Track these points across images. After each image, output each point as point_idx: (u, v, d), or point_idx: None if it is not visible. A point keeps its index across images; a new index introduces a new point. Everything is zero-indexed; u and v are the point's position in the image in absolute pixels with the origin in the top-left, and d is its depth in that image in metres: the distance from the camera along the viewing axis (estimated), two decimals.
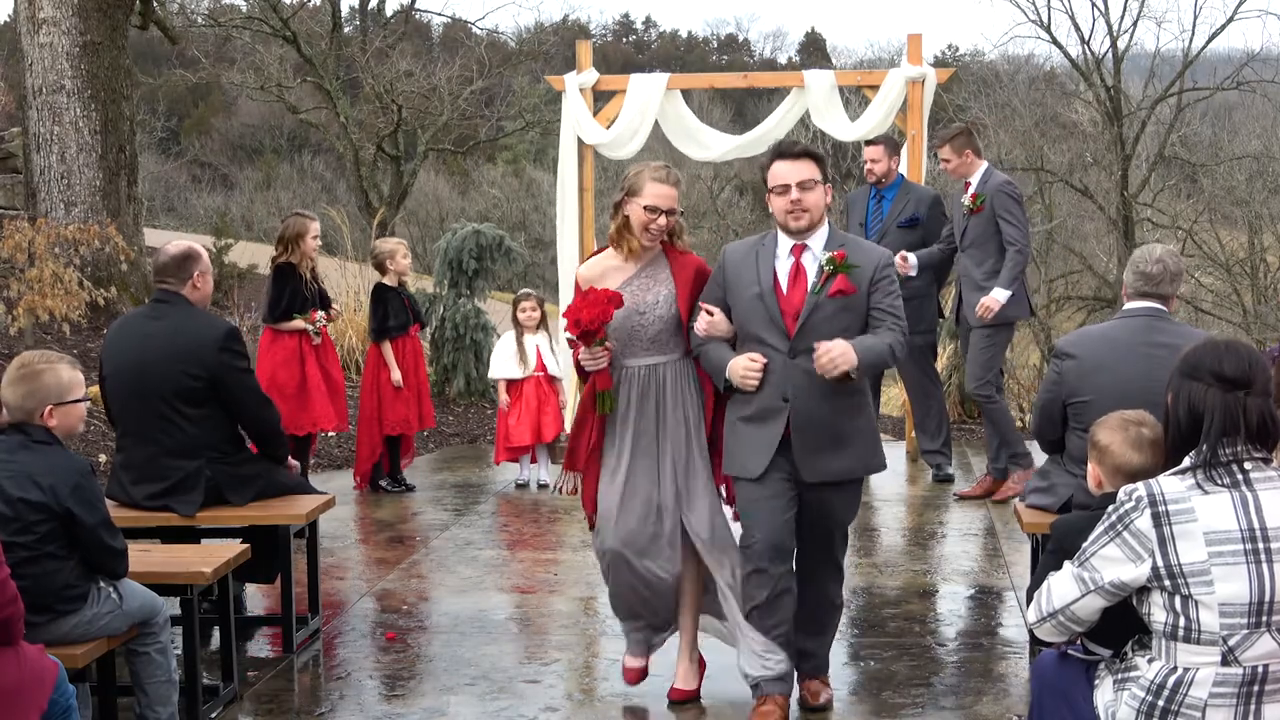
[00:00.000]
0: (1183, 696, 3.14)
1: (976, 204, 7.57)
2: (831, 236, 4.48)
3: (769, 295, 4.41)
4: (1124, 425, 3.63)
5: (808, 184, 4.40)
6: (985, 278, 7.55)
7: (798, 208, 4.40)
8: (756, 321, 4.41)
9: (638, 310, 4.58)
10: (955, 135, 7.72)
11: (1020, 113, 26.99)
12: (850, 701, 4.83)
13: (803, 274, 4.43)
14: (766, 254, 4.49)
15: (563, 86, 9.56)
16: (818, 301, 4.37)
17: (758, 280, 4.43)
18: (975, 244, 7.62)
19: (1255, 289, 24.42)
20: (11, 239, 9.76)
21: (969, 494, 7.83)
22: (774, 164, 4.44)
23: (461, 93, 25.80)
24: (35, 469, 4.05)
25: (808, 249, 4.46)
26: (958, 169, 7.65)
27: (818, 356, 4.20)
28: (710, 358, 4.51)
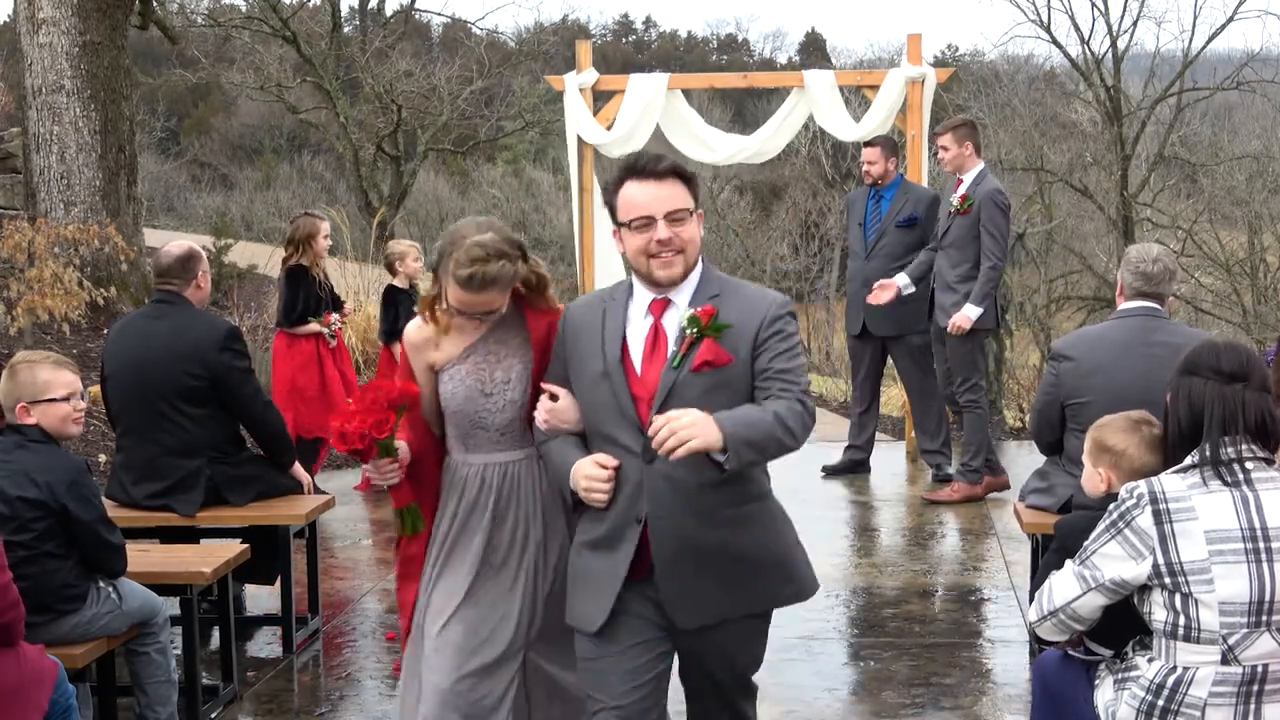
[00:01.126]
0: (1182, 696, 3.14)
1: (964, 206, 7.52)
2: (704, 284, 3.27)
3: (616, 374, 3.21)
4: (1135, 427, 3.61)
5: (678, 215, 3.20)
6: (958, 280, 7.53)
7: (666, 249, 3.19)
8: (602, 411, 3.24)
9: (482, 390, 3.50)
10: (959, 125, 7.71)
11: (1020, 113, 27.00)
12: (850, 701, 4.83)
13: (663, 342, 3.23)
14: (615, 314, 3.28)
15: (563, 86, 9.57)
16: (678, 379, 3.16)
17: (602, 352, 3.24)
18: (954, 245, 7.58)
19: (1255, 289, 24.42)
20: (11, 239, 9.77)
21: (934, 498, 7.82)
22: (625, 186, 3.23)
23: (461, 93, 25.80)
24: (31, 467, 4.06)
25: (672, 305, 3.24)
26: (955, 159, 7.58)
27: (653, 429, 3.01)
28: (553, 460, 3.37)
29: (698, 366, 3.16)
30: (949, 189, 7.76)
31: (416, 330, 3.60)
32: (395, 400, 3.40)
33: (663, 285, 3.24)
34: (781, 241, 33.91)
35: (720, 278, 3.32)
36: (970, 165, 7.59)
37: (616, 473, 3.21)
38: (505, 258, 3.38)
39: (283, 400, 7.61)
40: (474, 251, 3.35)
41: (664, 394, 3.15)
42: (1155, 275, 4.79)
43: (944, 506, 7.69)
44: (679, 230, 3.21)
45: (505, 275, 3.38)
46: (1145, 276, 4.79)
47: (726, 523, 3.23)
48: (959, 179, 7.62)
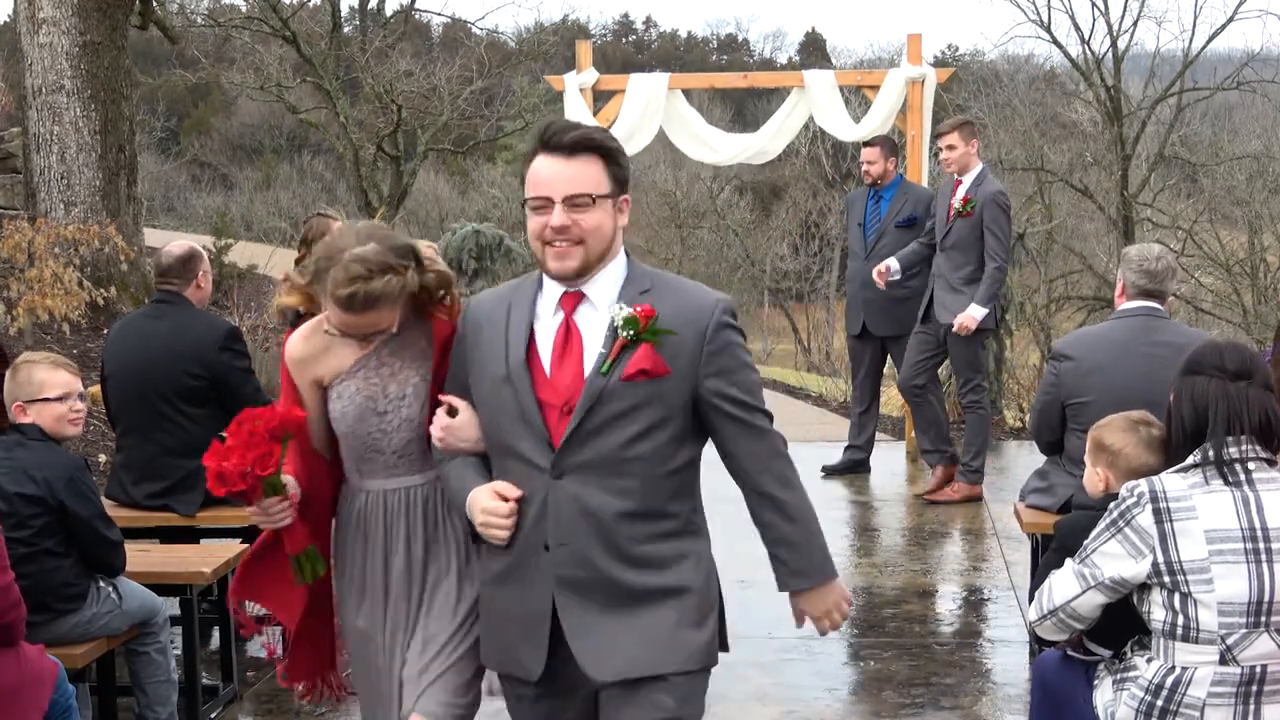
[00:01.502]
0: (1181, 696, 3.14)
1: (967, 208, 7.51)
2: (631, 278, 2.84)
3: (520, 376, 2.79)
4: (1134, 427, 3.62)
5: (579, 200, 2.75)
6: (962, 282, 7.52)
7: (561, 238, 2.76)
8: (503, 418, 2.82)
9: (374, 408, 3.06)
10: (964, 123, 7.72)
11: (1020, 113, 27.02)
12: (850, 701, 4.83)
13: (576, 341, 2.80)
14: (521, 309, 2.86)
15: (563, 86, 9.56)
16: (605, 388, 2.74)
17: (504, 352, 2.82)
18: (956, 246, 7.56)
19: (1255, 289, 24.43)
20: (11, 239, 9.77)
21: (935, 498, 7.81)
22: (535, 158, 2.82)
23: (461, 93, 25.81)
24: (29, 464, 4.07)
25: (586, 300, 2.82)
26: (961, 158, 7.55)
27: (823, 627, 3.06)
28: (450, 485, 2.97)
29: (631, 375, 2.72)
30: (946, 189, 7.74)
31: (299, 341, 3.18)
32: (277, 429, 2.92)
33: (556, 278, 2.81)
34: (781, 241, 33.94)
35: (650, 272, 2.88)
36: (972, 165, 7.60)
37: (520, 501, 2.80)
38: (391, 271, 2.93)
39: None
40: (353, 269, 2.90)
41: (589, 403, 2.73)
42: (1159, 273, 4.79)
43: (944, 506, 7.68)
44: (579, 217, 2.74)
45: (391, 292, 2.94)
46: (1149, 274, 4.79)
47: (642, 561, 2.78)
48: (958, 180, 7.61)
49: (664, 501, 2.81)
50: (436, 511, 3.13)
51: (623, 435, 2.75)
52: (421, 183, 31.85)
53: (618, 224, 2.84)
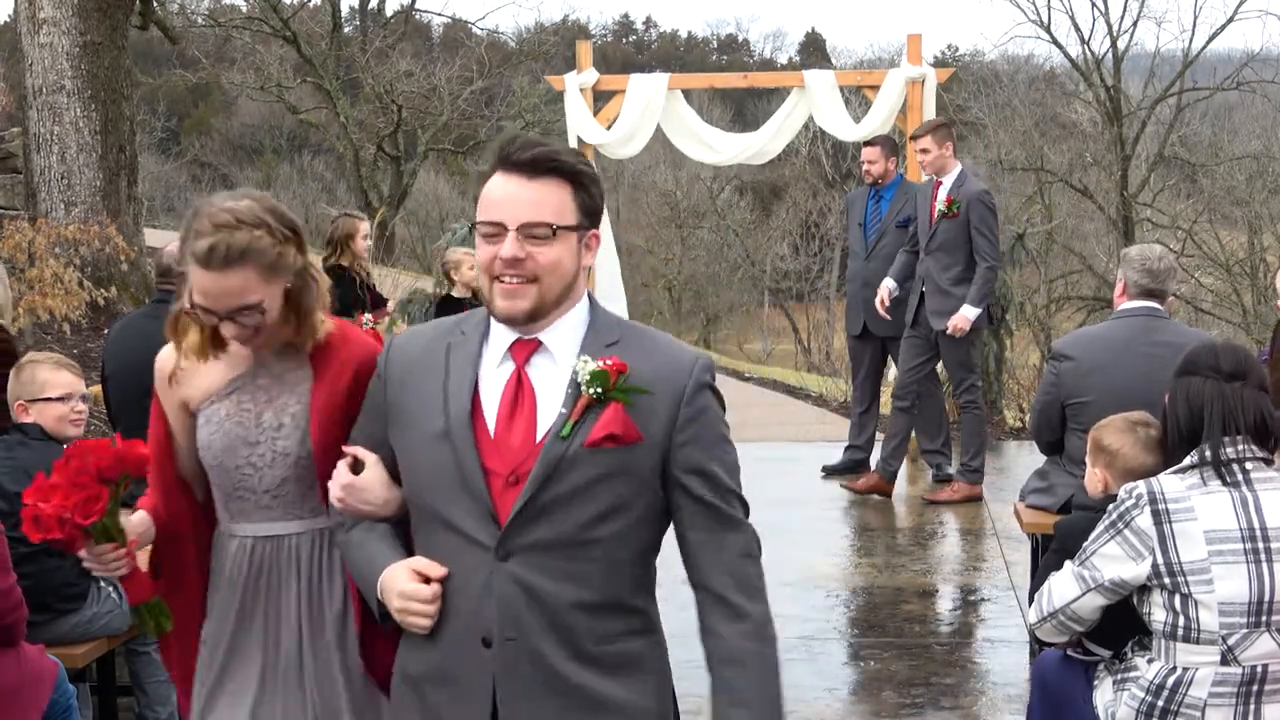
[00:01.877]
0: (1182, 696, 3.14)
1: (952, 209, 7.47)
2: (596, 327, 2.40)
3: (462, 436, 2.34)
4: (1131, 428, 3.62)
5: (538, 230, 2.31)
6: (951, 283, 7.48)
7: (512, 273, 2.32)
8: (439, 484, 2.35)
9: (245, 437, 2.65)
10: (938, 126, 7.69)
11: (1020, 113, 27.03)
12: (850, 701, 4.83)
13: (529, 398, 2.35)
14: (464, 355, 2.41)
15: (563, 86, 9.57)
16: (566, 454, 2.30)
17: (444, 405, 2.36)
18: (943, 248, 7.52)
19: (1255, 289, 24.44)
20: (11, 239, 9.77)
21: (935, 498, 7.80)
22: (493, 177, 2.37)
23: (461, 93, 25.83)
24: (30, 463, 4.07)
25: (543, 350, 2.38)
26: (936, 161, 7.54)
27: None
28: (355, 559, 2.49)
29: (598, 440, 2.28)
30: (926, 192, 7.73)
31: (169, 354, 2.83)
32: (109, 469, 2.52)
33: (514, 322, 2.35)
34: (781, 241, 33.95)
35: (618, 321, 2.44)
36: (950, 166, 7.58)
37: (446, 582, 2.33)
38: (265, 229, 2.53)
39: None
40: (219, 216, 2.52)
41: (546, 472, 2.27)
42: (1159, 272, 4.80)
43: (944, 506, 7.69)
44: (535, 250, 2.29)
45: (260, 251, 2.51)
46: (1150, 274, 4.80)
47: (603, 662, 2.37)
48: (938, 181, 7.60)
49: (627, 593, 2.37)
50: (318, 568, 2.68)
51: (583, 513, 2.30)
52: (421, 183, 31.85)
53: (582, 263, 2.36)
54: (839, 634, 5.56)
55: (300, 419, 2.64)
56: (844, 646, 5.39)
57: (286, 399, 2.66)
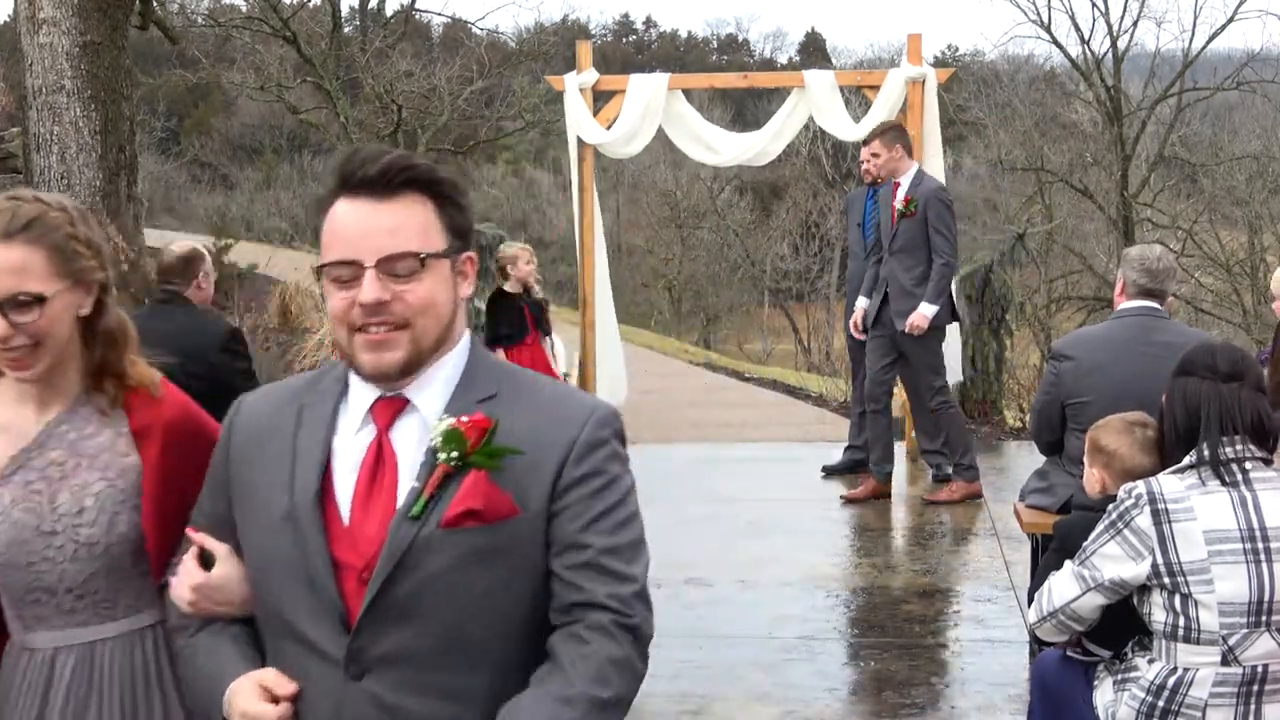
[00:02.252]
0: (1183, 696, 3.14)
1: (909, 208, 7.47)
2: (471, 375, 1.98)
3: (308, 520, 1.92)
4: (1129, 428, 3.62)
5: (404, 264, 1.90)
6: (914, 283, 7.49)
7: (380, 320, 1.90)
8: (282, 583, 1.94)
9: (39, 526, 2.16)
10: (886, 130, 7.70)
11: (1020, 113, 27.04)
12: (850, 701, 4.83)
13: (390, 471, 1.93)
14: (317, 417, 1.99)
15: (563, 86, 9.57)
16: (417, 539, 1.87)
17: (289, 480, 1.95)
18: (905, 249, 7.52)
19: (1255, 289, 24.44)
20: None
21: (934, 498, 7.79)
22: (336, 202, 1.93)
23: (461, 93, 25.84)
24: None
25: (410, 410, 1.95)
26: (885, 164, 7.56)
27: None
28: (199, 666, 2.04)
29: (455, 519, 1.84)
30: (886, 195, 7.71)
31: None
32: None
33: (373, 378, 1.91)
34: (782, 241, 33.96)
35: (506, 371, 2.01)
36: (904, 167, 7.58)
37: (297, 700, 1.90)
38: (64, 214, 2.15)
39: None
40: (18, 193, 2.19)
41: (392, 561, 1.84)
42: (1159, 272, 4.81)
43: (944, 506, 7.69)
44: (403, 288, 1.86)
45: (51, 227, 2.11)
46: (1150, 273, 4.80)
47: None
48: (895, 183, 7.59)
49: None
50: (136, 680, 2.19)
51: (451, 611, 1.85)
52: None
53: (459, 294, 1.95)
54: (839, 634, 5.56)
55: (107, 500, 2.15)
56: (844, 646, 5.39)
57: (87, 476, 2.15)
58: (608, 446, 1.94)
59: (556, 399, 1.96)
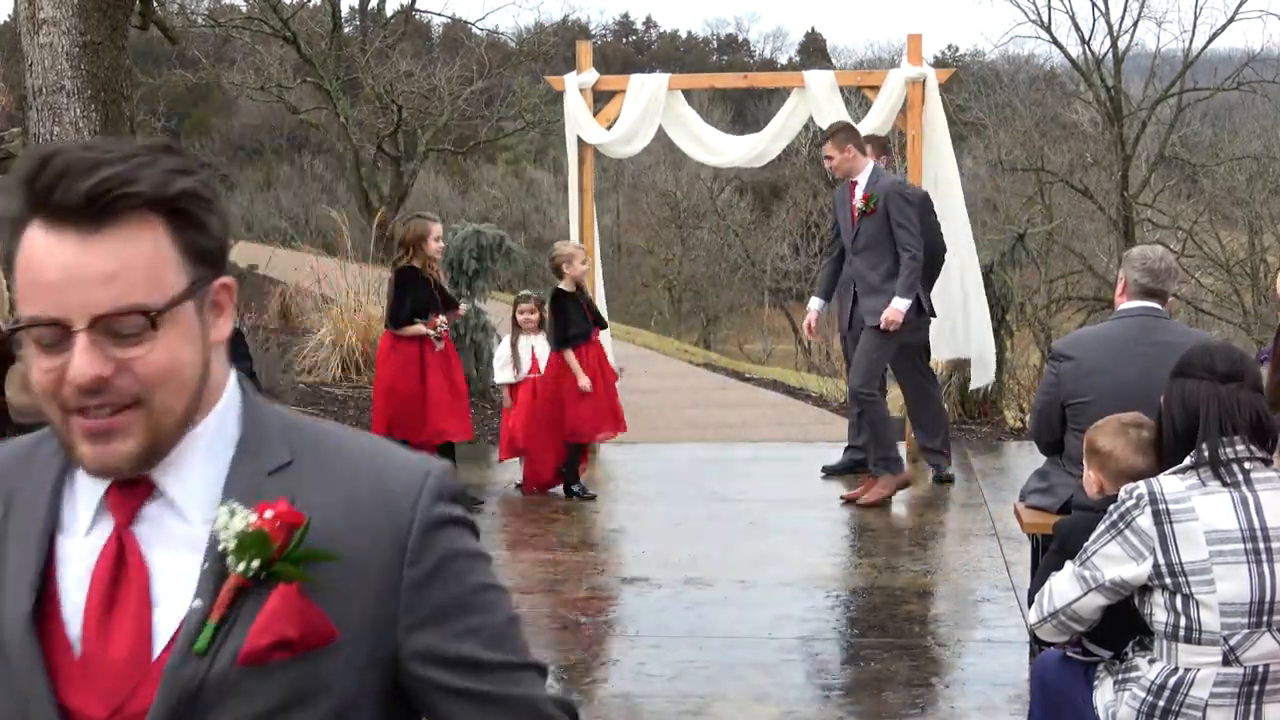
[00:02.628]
0: (1183, 697, 3.14)
1: (869, 205, 7.46)
2: (252, 441, 1.44)
3: (22, 654, 1.36)
4: (1123, 430, 3.63)
5: (127, 323, 1.33)
6: (882, 280, 7.47)
7: (100, 401, 1.33)
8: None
9: None
10: (836, 131, 7.68)
11: (1020, 113, 27.03)
12: (851, 702, 4.83)
13: (138, 582, 1.37)
14: (30, 512, 1.42)
15: (563, 87, 9.57)
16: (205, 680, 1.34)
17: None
18: (869, 247, 7.50)
19: (1255, 289, 24.45)
20: None
21: (856, 496, 7.71)
22: (28, 230, 1.34)
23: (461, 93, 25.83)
24: None
25: (161, 499, 1.40)
26: (841, 165, 7.57)
27: None
28: None
29: (261, 652, 1.35)
30: (843, 195, 7.70)
31: None
32: None
33: (99, 475, 1.39)
34: (782, 242, 33.95)
35: (289, 424, 1.47)
36: (859, 166, 7.56)
37: None
38: None
39: (381, 402, 7.63)
40: None
41: (171, 714, 1.33)
42: (1161, 272, 4.82)
43: (943, 507, 7.70)
44: (131, 356, 1.34)
45: None
46: (1151, 273, 4.81)
47: None
48: (853, 182, 7.59)
49: None
50: None
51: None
52: (422, 183, 31.85)
53: (212, 340, 1.42)
54: (839, 634, 5.56)
55: None
56: (844, 646, 5.39)
57: None
58: (452, 522, 1.46)
59: (372, 465, 1.45)
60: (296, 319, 14.27)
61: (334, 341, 11.87)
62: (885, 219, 7.45)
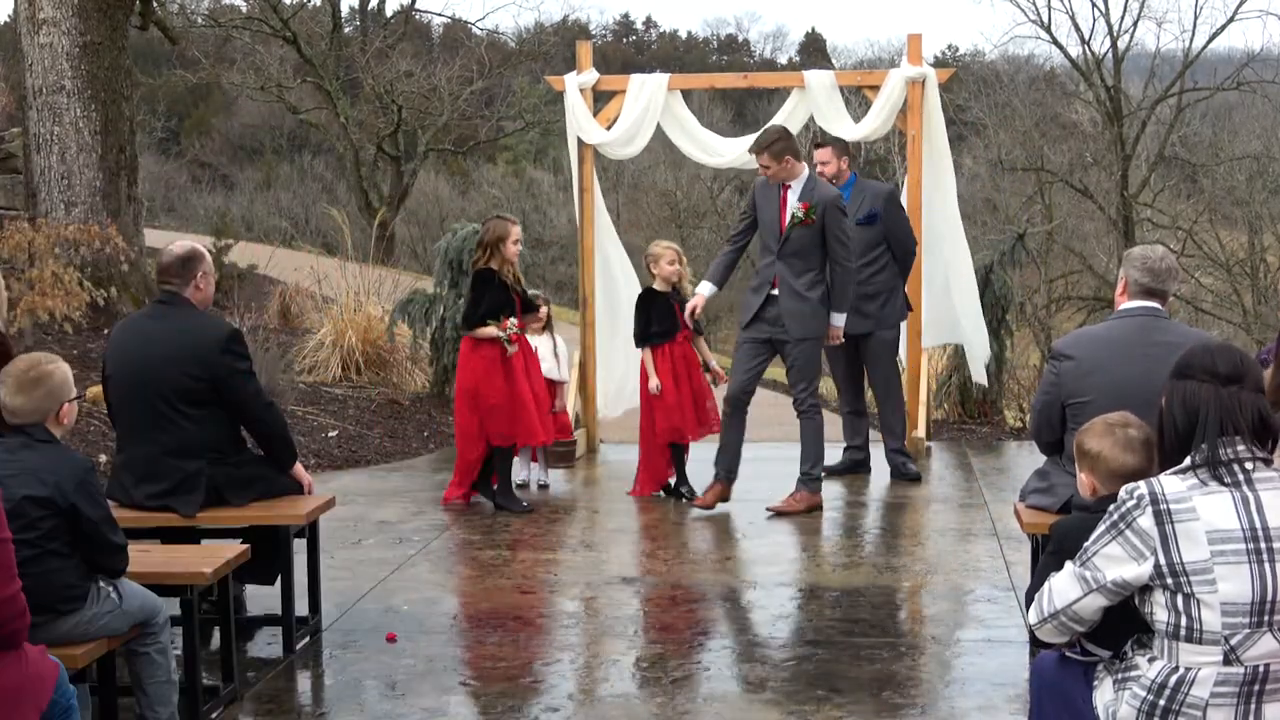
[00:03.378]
0: (1184, 696, 3.14)
1: (809, 215, 7.25)
2: None
3: None
4: (1110, 430, 3.64)
5: None
6: (806, 287, 7.32)
7: None
8: None
9: None
10: (773, 142, 7.36)
11: (1020, 113, 27.04)
12: (850, 701, 4.83)
13: None
14: None
15: (563, 87, 9.57)
16: None
17: None
18: (796, 254, 7.32)
19: (1255, 289, 24.46)
20: (12, 239, 9.77)
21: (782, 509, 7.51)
22: None
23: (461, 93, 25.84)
24: (39, 466, 4.07)
25: None
26: (776, 175, 7.32)
27: None
28: None
29: None
30: (768, 193, 7.44)
31: None
32: None
33: None
34: None
35: None
36: (797, 172, 7.34)
37: None
38: None
39: (466, 406, 7.62)
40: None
41: None
42: (1161, 272, 4.82)
43: (943, 507, 7.69)
44: None
45: None
46: (1152, 273, 4.81)
47: None
48: (785, 186, 7.34)
49: None
50: None
51: None
52: (421, 183, 31.86)
53: None
54: (839, 634, 5.56)
55: None
56: (844, 646, 5.39)
57: None
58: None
59: None
60: (296, 319, 14.27)
61: (334, 341, 11.88)
62: (820, 230, 7.28)
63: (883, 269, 8.13)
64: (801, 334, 7.37)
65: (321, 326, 12.40)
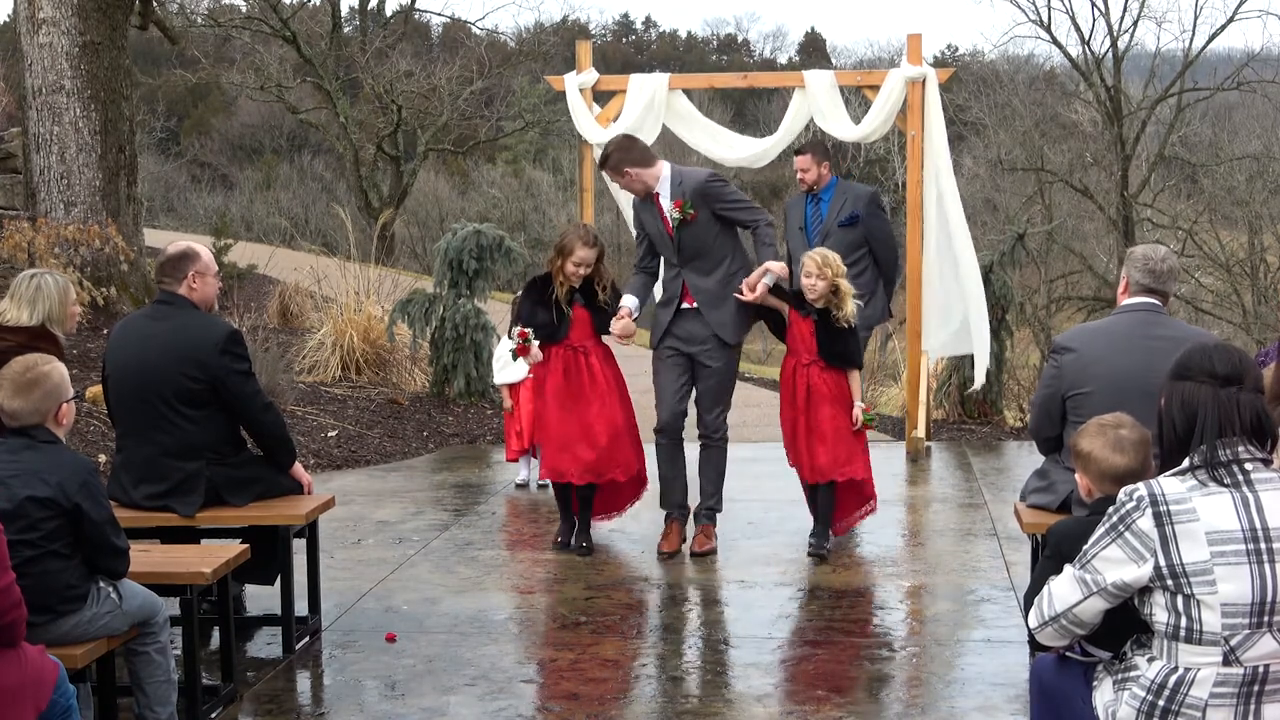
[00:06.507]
0: (1183, 696, 3.14)
1: (686, 212, 6.59)
2: None
3: None
4: (1102, 430, 3.64)
5: None
6: (721, 285, 6.68)
7: None
8: None
9: None
10: (616, 150, 6.74)
11: (1020, 113, 27.04)
12: (850, 701, 4.83)
13: None
14: None
15: (563, 87, 9.58)
16: None
17: None
18: (698, 255, 6.66)
19: (1255, 289, 24.47)
20: (11, 239, 9.78)
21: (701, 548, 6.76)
22: None
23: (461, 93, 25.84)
24: (42, 467, 4.07)
25: None
26: (630, 185, 6.74)
27: None
28: None
29: None
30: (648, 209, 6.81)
31: None
32: None
33: None
34: (782, 242, 33.92)
35: None
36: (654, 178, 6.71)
37: None
38: None
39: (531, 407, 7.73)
40: None
41: None
42: (1162, 272, 4.85)
43: (943, 507, 7.69)
44: None
45: None
46: (1153, 273, 4.84)
47: None
48: (655, 193, 6.73)
49: None
50: None
51: None
52: (421, 183, 31.86)
53: None
54: (839, 634, 5.56)
55: None
56: (844, 647, 5.39)
57: None
58: None
59: None
60: (296, 319, 14.28)
61: (334, 341, 11.88)
62: (708, 218, 6.63)
63: (863, 272, 8.10)
64: (735, 340, 6.78)
65: (321, 326, 12.41)
